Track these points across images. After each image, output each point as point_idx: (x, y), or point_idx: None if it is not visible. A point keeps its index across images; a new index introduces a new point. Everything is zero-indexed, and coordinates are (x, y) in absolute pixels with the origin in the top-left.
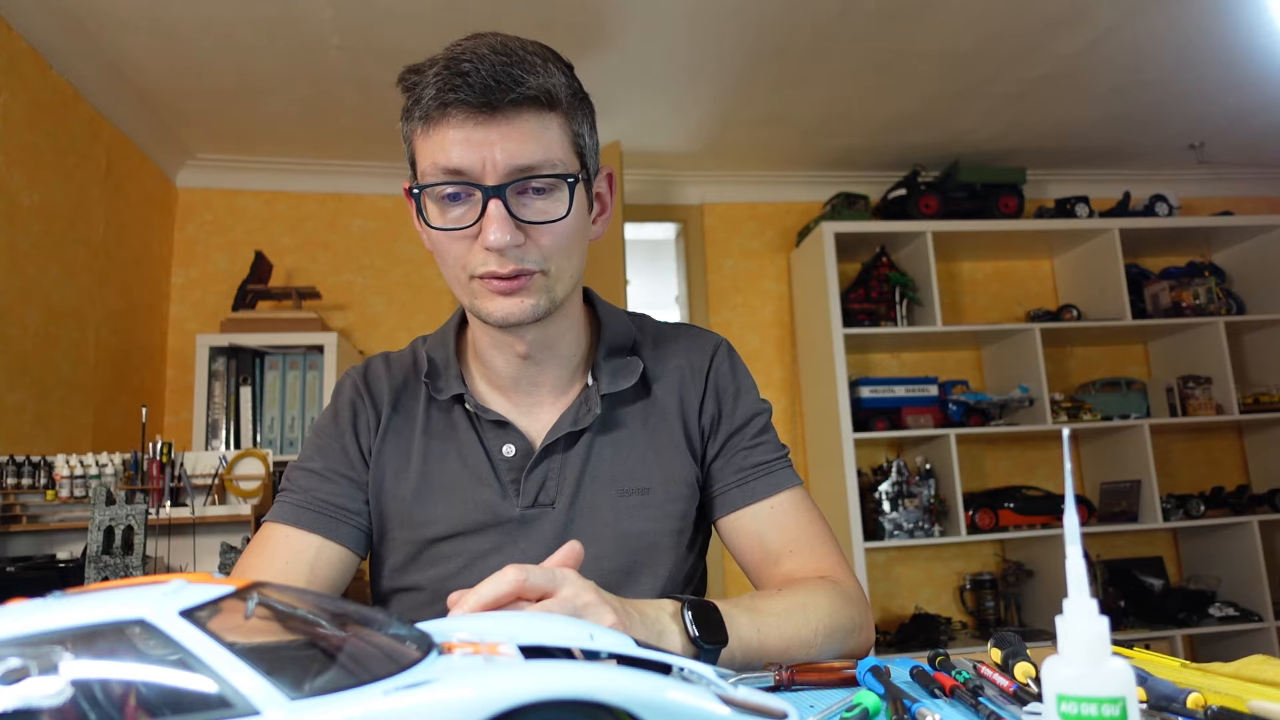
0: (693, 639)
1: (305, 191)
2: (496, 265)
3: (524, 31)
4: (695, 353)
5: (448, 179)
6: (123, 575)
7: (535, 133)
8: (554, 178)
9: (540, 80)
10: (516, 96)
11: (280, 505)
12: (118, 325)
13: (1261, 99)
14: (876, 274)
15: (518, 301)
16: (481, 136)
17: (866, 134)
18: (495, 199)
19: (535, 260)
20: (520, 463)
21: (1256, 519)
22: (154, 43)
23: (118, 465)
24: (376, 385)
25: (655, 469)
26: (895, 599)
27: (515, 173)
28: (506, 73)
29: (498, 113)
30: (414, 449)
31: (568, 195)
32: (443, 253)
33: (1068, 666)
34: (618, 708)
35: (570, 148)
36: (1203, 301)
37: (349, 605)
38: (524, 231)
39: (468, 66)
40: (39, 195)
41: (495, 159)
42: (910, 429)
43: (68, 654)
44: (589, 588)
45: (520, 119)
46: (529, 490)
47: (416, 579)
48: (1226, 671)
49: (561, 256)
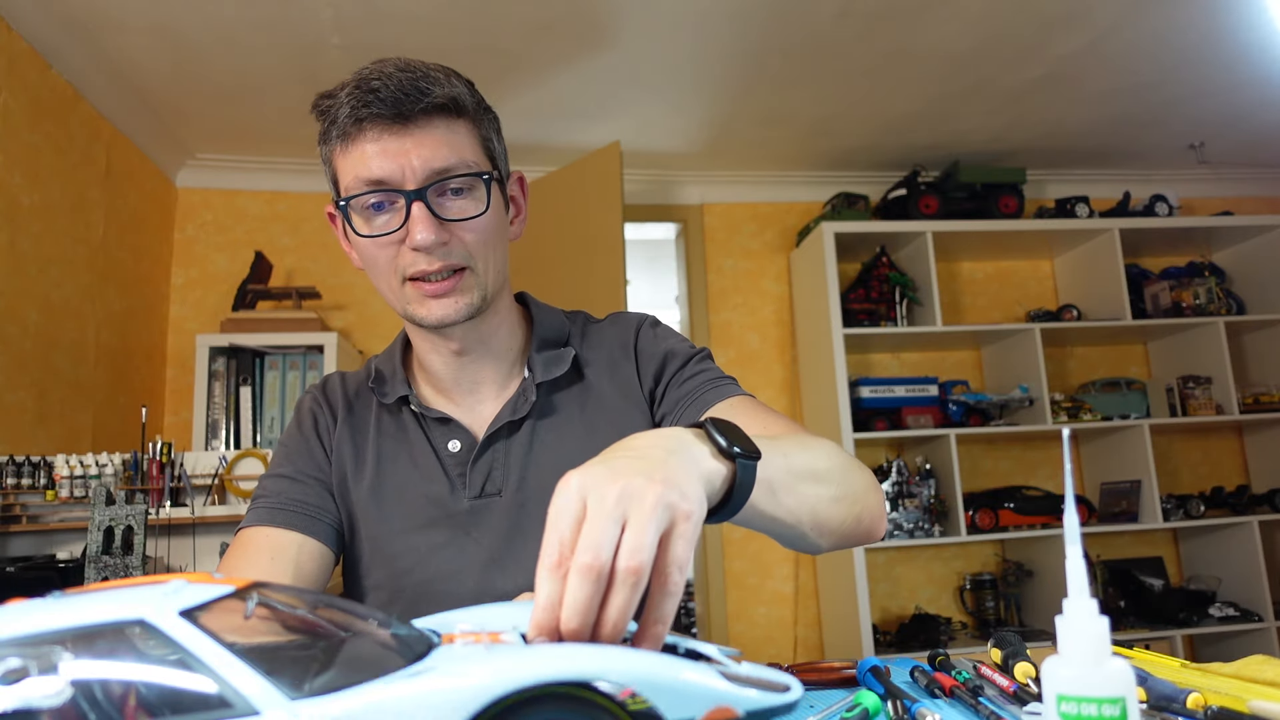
0: (723, 449)
1: (305, 191)
2: (425, 264)
3: (523, 31)
4: (621, 333)
5: (370, 189)
6: (123, 575)
7: (446, 138)
8: (470, 176)
9: (445, 90)
10: (426, 105)
11: (256, 511)
12: (118, 325)
13: (1261, 99)
14: (876, 274)
15: (451, 302)
16: (397, 146)
17: (866, 134)
18: (418, 201)
19: (461, 256)
20: (465, 456)
21: (1256, 519)
22: (154, 43)
23: (118, 465)
24: (332, 395)
25: (596, 450)
26: (895, 599)
27: (433, 175)
28: (414, 85)
29: (410, 122)
30: (368, 452)
31: (484, 193)
32: (373, 262)
33: (1068, 667)
34: (617, 696)
35: (481, 151)
36: (1203, 301)
37: (349, 605)
38: (448, 230)
39: (377, 84)
40: (39, 195)
41: (413, 165)
42: (910, 429)
43: (68, 654)
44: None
45: (431, 126)
46: (475, 481)
47: (376, 578)
48: (1226, 672)
49: (486, 251)
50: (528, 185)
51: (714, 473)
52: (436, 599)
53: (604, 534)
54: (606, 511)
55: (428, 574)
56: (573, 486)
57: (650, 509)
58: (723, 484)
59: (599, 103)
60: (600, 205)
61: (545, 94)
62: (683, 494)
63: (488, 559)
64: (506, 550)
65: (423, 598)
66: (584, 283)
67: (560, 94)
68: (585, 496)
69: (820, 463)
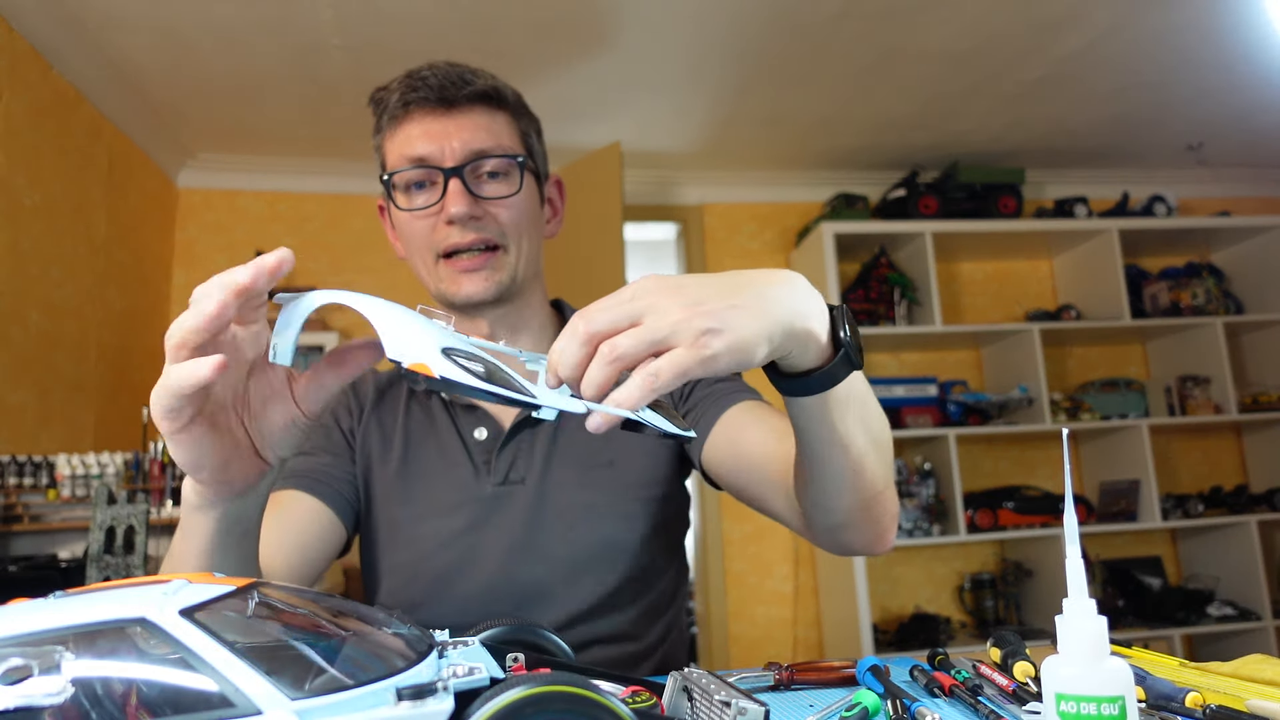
0: (838, 338)
1: (306, 192)
2: (459, 237)
3: (524, 32)
4: None
5: (412, 165)
6: (124, 575)
7: (486, 123)
8: (505, 159)
9: (489, 82)
10: (469, 92)
11: None
12: (119, 325)
13: (1260, 99)
14: (876, 274)
15: (481, 278)
16: (440, 128)
17: (866, 134)
18: (454, 178)
19: (494, 233)
20: (491, 444)
21: (1255, 519)
22: (155, 43)
23: (119, 465)
24: (361, 390)
25: (619, 443)
26: (895, 599)
27: (471, 155)
28: (459, 76)
29: (454, 107)
30: (396, 437)
31: (519, 175)
32: (410, 238)
33: (1067, 666)
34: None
35: (519, 141)
36: (1201, 302)
37: (349, 604)
38: (481, 207)
39: (426, 74)
40: (41, 195)
41: (453, 145)
42: (910, 429)
43: (69, 653)
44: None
45: (473, 112)
46: (500, 469)
47: (394, 560)
48: (1225, 671)
49: (518, 233)
50: (565, 190)
51: (802, 334)
52: (454, 584)
53: (607, 315)
54: (622, 303)
55: (448, 559)
56: (640, 281)
57: (665, 326)
58: (811, 353)
59: (599, 103)
60: (600, 205)
61: (545, 94)
62: (718, 330)
63: (508, 546)
64: (526, 538)
65: (441, 582)
66: (584, 283)
67: (560, 94)
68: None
69: (884, 431)
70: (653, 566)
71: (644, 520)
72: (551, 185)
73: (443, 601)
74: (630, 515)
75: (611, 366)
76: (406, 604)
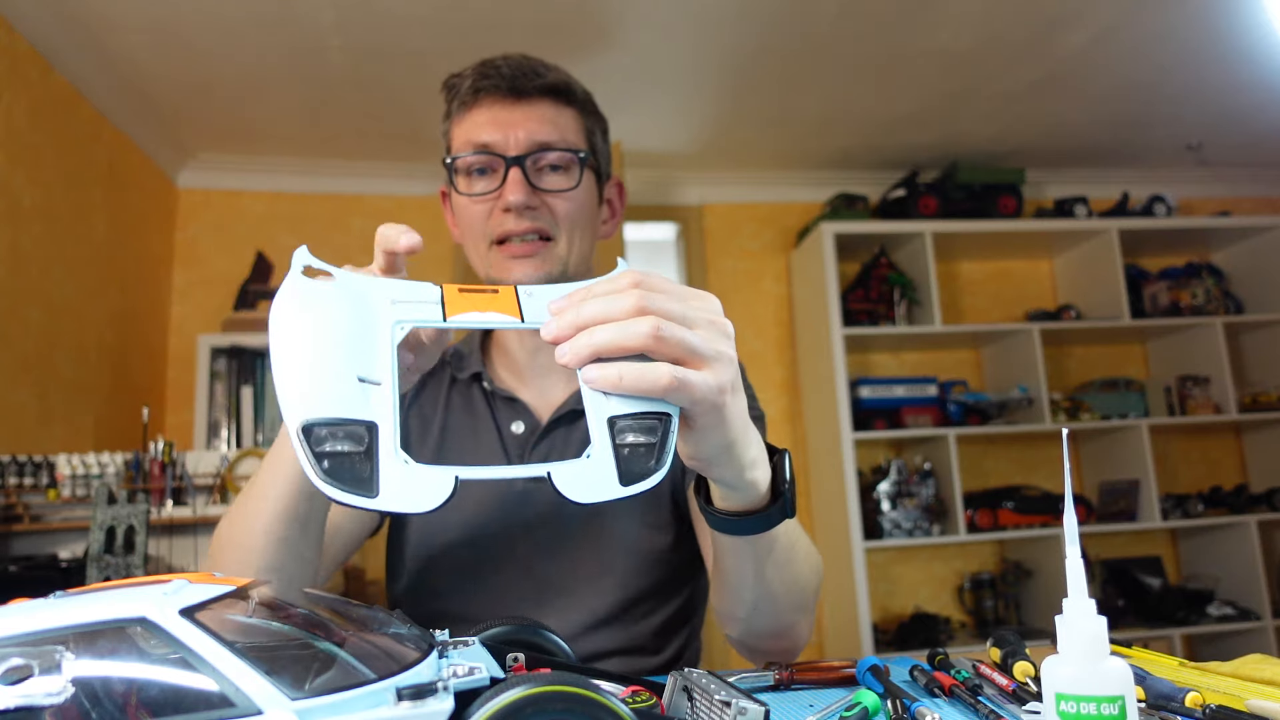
0: (782, 488)
1: (306, 192)
2: (513, 224)
3: (525, 32)
4: None
5: (476, 151)
6: (124, 575)
7: (553, 117)
8: (568, 153)
9: (560, 77)
10: (539, 85)
11: None
12: (119, 325)
13: (1260, 99)
14: (876, 274)
15: (531, 265)
16: (507, 117)
17: (866, 134)
18: (515, 167)
19: (548, 223)
20: (526, 438)
21: (1255, 518)
22: (155, 43)
23: (119, 465)
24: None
25: None
26: (894, 598)
27: (534, 146)
28: (531, 68)
29: (523, 98)
30: (434, 423)
31: (579, 171)
32: (468, 222)
33: (1067, 666)
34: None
35: (583, 138)
36: (1201, 301)
37: (349, 604)
38: (539, 198)
39: (499, 63)
40: (41, 195)
41: (518, 136)
42: (910, 429)
43: (69, 653)
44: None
45: (541, 105)
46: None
47: (418, 550)
48: (1225, 670)
49: (572, 227)
50: (625, 194)
51: (753, 471)
52: (477, 576)
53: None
54: (686, 299)
55: (473, 550)
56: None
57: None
58: (750, 497)
59: (599, 103)
60: None
61: None
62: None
63: (534, 542)
64: (550, 537)
65: (464, 573)
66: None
67: None
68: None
69: (804, 575)
70: (676, 576)
71: (672, 528)
72: (612, 186)
73: (464, 592)
74: (659, 523)
75: (646, 341)
76: (428, 592)
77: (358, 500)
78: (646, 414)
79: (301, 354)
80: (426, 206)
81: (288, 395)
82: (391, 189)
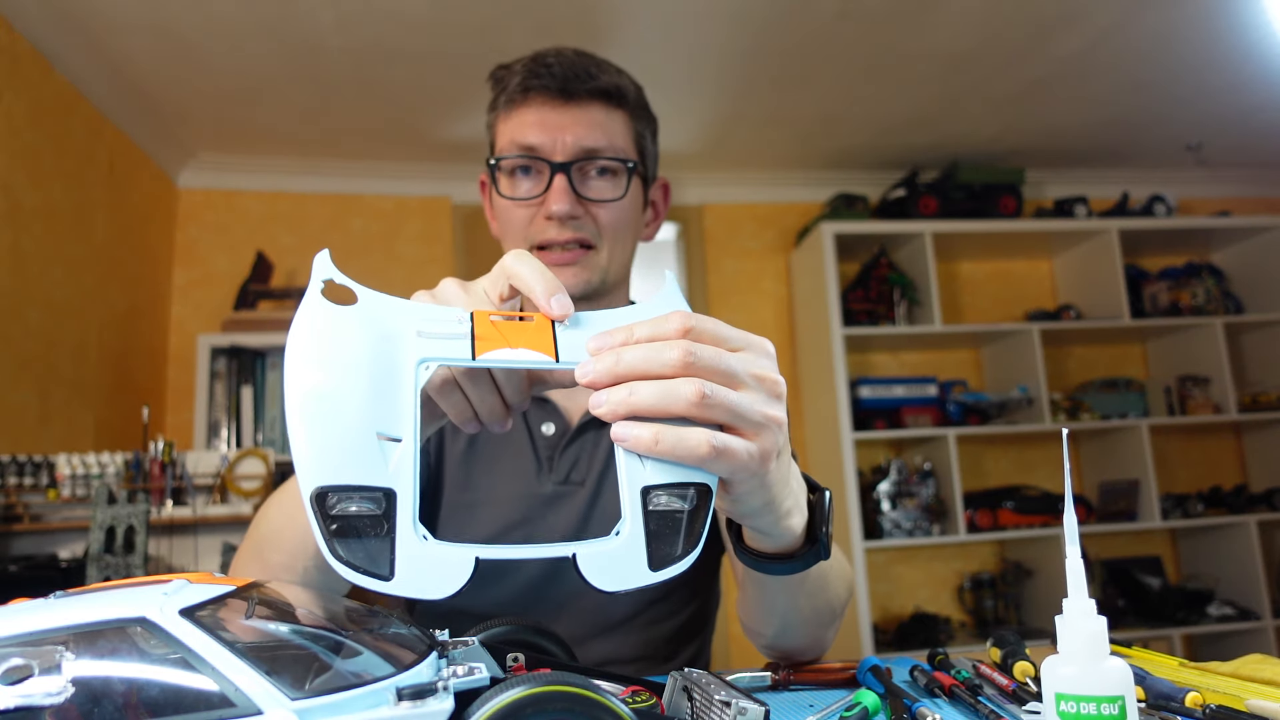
0: (820, 536)
1: (306, 191)
2: (555, 233)
3: (525, 33)
4: None
5: (521, 153)
6: (124, 575)
7: (602, 122)
8: (615, 161)
9: (612, 79)
10: (590, 88)
11: None
12: (120, 325)
13: (1260, 100)
14: (876, 274)
15: (570, 274)
16: (556, 119)
17: (866, 134)
18: (561, 174)
19: (590, 233)
20: (556, 441)
21: (1254, 518)
22: (155, 43)
23: (119, 465)
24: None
25: None
26: (894, 598)
27: (582, 153)
28: (583, 68)
29: (572, 100)
30: None
31: (626, 179)
32: (508, 224)
33: (1067, 665)
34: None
35: (632, 143)
36: (1201, 301)
37: (349, 604)
38: (583, 206)
39: (551, 60)
40: (41, 195)
41: (565, 140)
42: (910, 429)
43: (69, 653)
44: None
45: (591, 108)
46: (562, 468)
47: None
48: (1224, 670)
49: (614, 237)
50: (670, 194)
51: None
52: (498, 577)
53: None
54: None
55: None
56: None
57: (760, 417)
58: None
59: None
60: None
61: None
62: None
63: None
64: (577, 540)
65: (485, 574)
66: None
67: None
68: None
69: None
70: (691, 584)
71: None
72: (657, 188)
73: (485, 592)
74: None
75: (689, 409)
76: None
77: (371, 583)
78: (682, 484)
79: (319, 404)
80: (426, 207)
81: (301, 454)
82: (391, 189)
